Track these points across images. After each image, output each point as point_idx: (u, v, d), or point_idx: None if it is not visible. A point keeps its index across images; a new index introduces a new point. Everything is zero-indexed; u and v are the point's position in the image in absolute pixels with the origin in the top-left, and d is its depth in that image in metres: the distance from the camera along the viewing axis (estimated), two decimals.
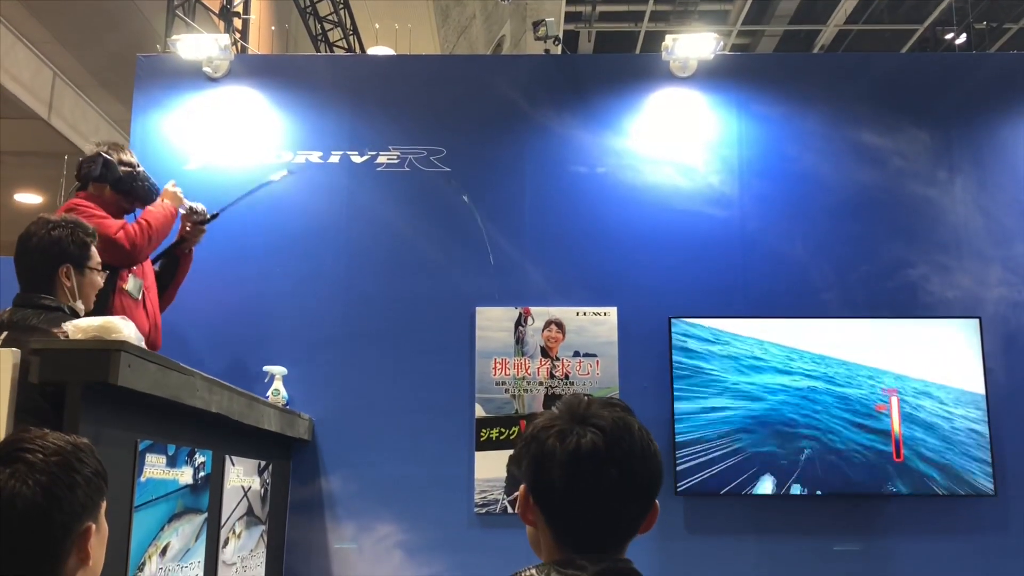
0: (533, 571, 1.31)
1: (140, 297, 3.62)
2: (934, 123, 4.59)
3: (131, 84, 4.65)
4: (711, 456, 4.09)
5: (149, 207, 3.74)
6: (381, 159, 4.55)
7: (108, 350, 2.14)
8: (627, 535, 1.38)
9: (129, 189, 3.70)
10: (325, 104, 4.61)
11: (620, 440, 1.35)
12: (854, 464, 4.07)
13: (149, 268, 3.80)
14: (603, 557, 1.33)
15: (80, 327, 2.23)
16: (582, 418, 1.37)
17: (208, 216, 3.97)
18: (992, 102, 4.61)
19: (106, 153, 3.67)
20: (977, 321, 4.23)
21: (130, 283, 3.56)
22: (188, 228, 3.95)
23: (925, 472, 4.07)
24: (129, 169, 3.70)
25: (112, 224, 3.49)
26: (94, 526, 1.49)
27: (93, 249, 2.86)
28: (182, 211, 3.91)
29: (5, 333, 2.49)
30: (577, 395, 1.43)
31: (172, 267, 3.94)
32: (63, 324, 2.34)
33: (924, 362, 4.17)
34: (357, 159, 4.55)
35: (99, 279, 2.92)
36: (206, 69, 4.62)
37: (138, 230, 3.58)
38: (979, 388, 4.14)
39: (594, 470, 1.33)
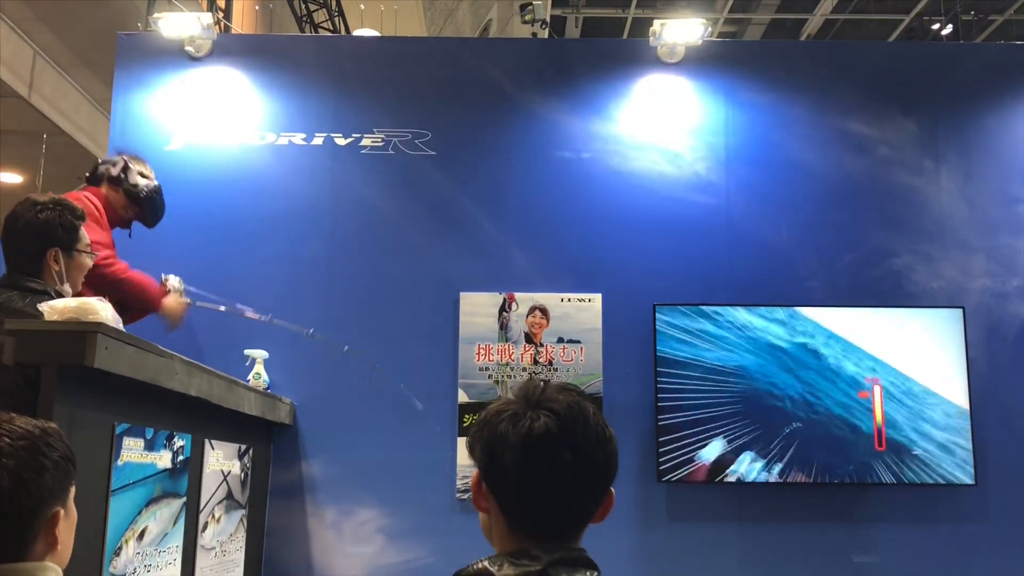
0: (486, 563, 1.27)
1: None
2: (921, 112, 4.58)
3: (112, 63, 4.58)
4: (694, 443, 4.09)
5: (149, 279, 3.72)
6: (365, 141, 4.50)
7: (84, 332, 2.10)
8: (581, 523, 1.35)
9: (138, 199, 3.74)
10: (309, 85, 4.56)
11: (574, 424, 1.32)
12: (836, 452, 4.08)
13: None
14: (558, 546, 1.30)
15: (56, 308, 2.19)
16: (536, 402, 1.34)
17: (182, 292, 3.92)
18: (979, 92, 4.61)
19: (129, 159, 3.76)
20: (961, 311, 4.24)
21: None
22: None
23: (907, 461, 4.08)
24: (146, 180, 3.77)
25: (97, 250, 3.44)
26: (62, 511, 1.47)
27: (82, 231, 2.82)
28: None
29: None
30: (533, 380, 1.41)
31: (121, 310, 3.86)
32: (39, 305, 2.30)
33: (907, 351, 4.18)
34: (341, 141, 4.50)
35: (88, 261, 2.87)
36: (188, 48, 4.56)
37: (112, 277, 3.49)
38: (961, 378, 4.15)
39: (547, 454, 1.30)
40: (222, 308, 4.10)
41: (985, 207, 4.50)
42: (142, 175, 3.77)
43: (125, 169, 3.71)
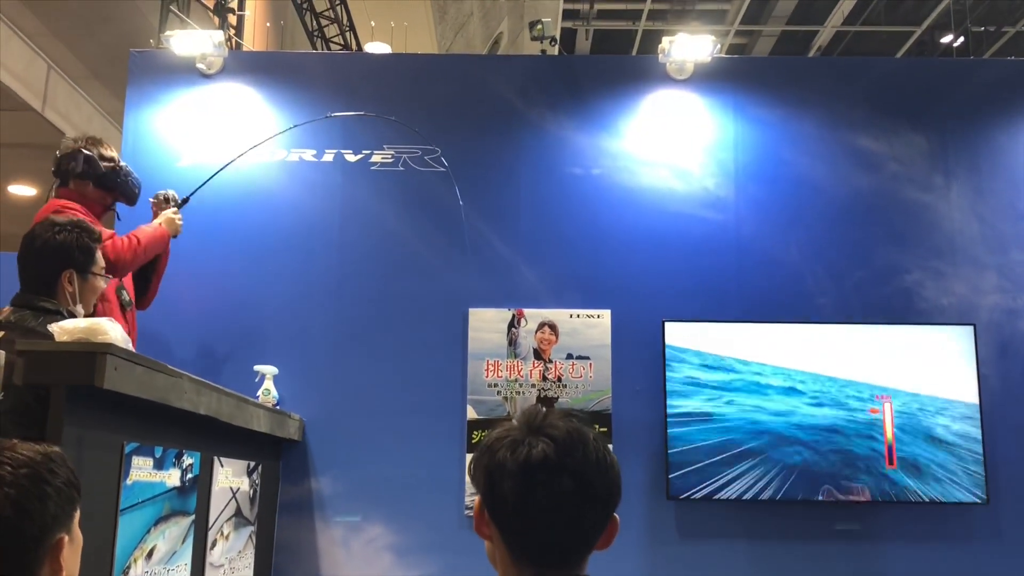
0: None
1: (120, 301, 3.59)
2: (931, 128, 4.57)
3: (126, 78, 4.62)
4: (703, 461, 4.07)
5: (142, 226, 3.71)
6: (375, 158, 4.52)
7: (94, 352, 2.11)
8: (584, 550, 1.34)
9: (112, 185, 3.63)
10: (320, 102, 4.58)
11: (573, 449, 1.31)
12: (846, 470, 4.06)
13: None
14: (561, 574, 1.30)
15: (66, 329, 2.20)
16: (537, 429, 1.33)
17: (180, 200, 3.89)
18: (989, 108, 4.60)
19: (86, 148, 3.59)
20: (972, 328, 4.22)
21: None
22: (161, 220, 3.86)
23: (918, 479, 4.05)
24: (111, 164, 3.63)
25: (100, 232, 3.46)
26: (67, 537, 1.46)
27: (98, 254, 2.84)
28: (151, 200, 3.87)
29: (1, 333, 2.46)
30: (536, 406, 1.40)
31: (148, 266, 3.87)
32: (49, 325, 2.31)
33: (918, 369, 4.16)
34: (351, 158, 4.52)
35: (101, 283, 2.88)
36: (200, 65, 4.59)
37: (126, 244, 3.54)
38: (973, 395, 4.13)
39: (546, 480, 1.29)
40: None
41: (996, 223, 4.48)
42: (103, 159, 3.62)
43: (87, 160, 3.56)
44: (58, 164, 3.61)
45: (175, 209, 3.88)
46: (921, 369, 4.16)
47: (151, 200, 3.90)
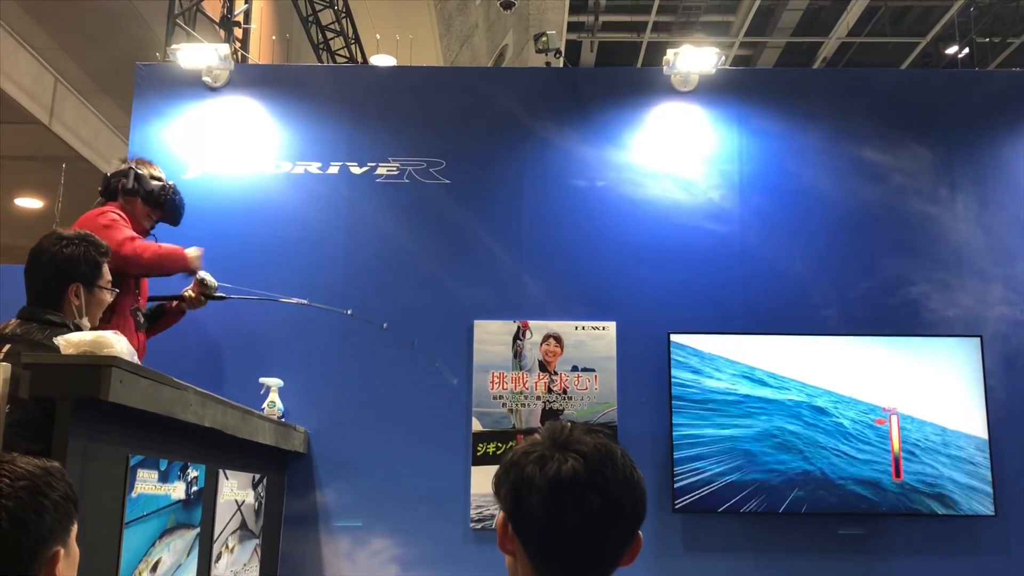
0: None
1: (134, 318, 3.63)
2: (936, 140, 4.57)
3: (132, 91, 4.64)
4: (709, 473, 4.06)
5: (172, 249, 3.76)
6: (380, 170, 4.53)
7: (99, 365, 2.12)
8: (610, 567, 1.32)
9: (161, 202, 3.79)
10: (324, 114, 4.60)
11: (602, 466, 1.30)
12: (853, 483, 4.04)
13: (144, 288, 3.80)
14: None
15: (72, 342, 2.21)
16: (564, 444, 1.32)
17: (214, 293, 3.93)
18: (994, 120, 4.60)
19: (137, 167, 3.76)
20: (978, 340, 4.21)
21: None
22: (192, 294, 3.91)
23: (925, 492, 4.03)
24: (160, 183, 3.81)
25: (124, 233, 3.51)
26: (63, 551, 1.48)
27: (105, 268, 2.85)
28: (194, 276, 3.91)
29: (8, 346, 2.47)
30: (560, 421, 1.39)
31: (159, 314, 3.91)
32: (55, 338, 2.32)
33: (924, 381, 4.14)
34: (356, 170, 4.53)
35: (108, 297, 2.89)
36: (206, 78, 4.61)
37: (143, 249, 3.59)
38: (980, 407, 4.11)
39: (575, 497, 1.28)
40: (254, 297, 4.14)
41: (1001, 235, 4.47)
42: (154, 178, 3.81)
43: (137, 178, 3.73)
44: (107, 182, 3.77)
45: (199, 249, 3.92)
46: (928, 381, 4.14)
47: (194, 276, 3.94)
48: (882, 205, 4.50)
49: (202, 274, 3.89)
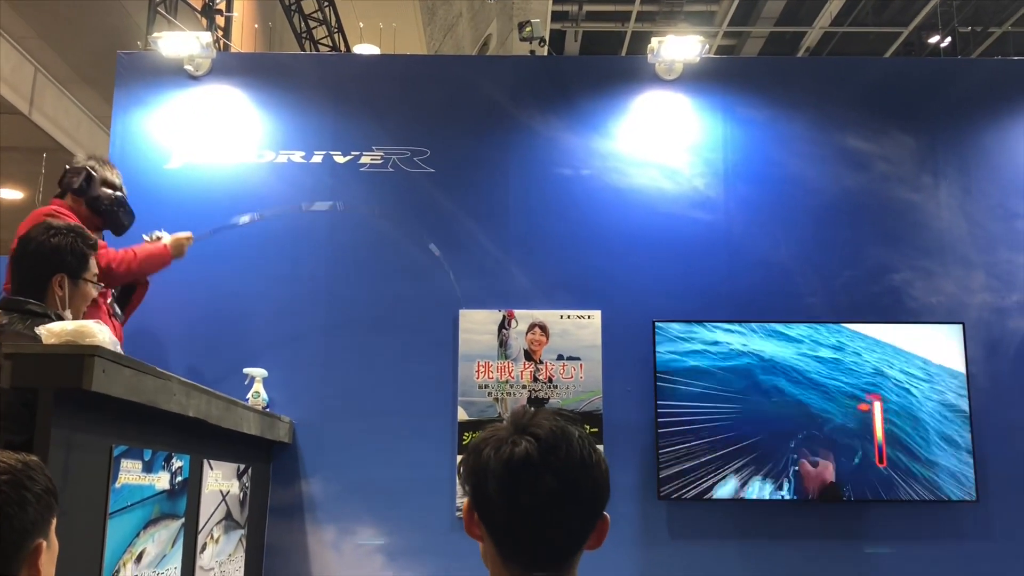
0: None
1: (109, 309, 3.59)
2: (919, 128, 4.59)
3: (113, 80, 4.60)
4: (694, 461, 4.07)
5: (150, 250, 3.72)
6: (364, 159, 4.51)
7: (81, 355, 2.10)
8: (573, 549, 1.33)
9: (101, 211, 3.68)
10: (308, 103, 4.57)
11: (556, 448, 1.30)
12: (837, 469, 4.06)
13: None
14: (551, 575, 1.29)
15: (54, 331, 2.19)
16: (523, 428, 1.33)
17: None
18: (977, 108, 4.62)
19: (92, 169, 3.66)
20: (960, 327, 4.23)
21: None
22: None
23: (907, 477, 4.06)
24: (109, 192, 3.70)
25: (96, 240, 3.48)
26: (44, 543, 1.50)
27: (92, 260, 2.84)
28: (145, 237, 3.89)
29: None
30: (524, 406, 1.40)
31: (128, 292, 3.87)
32: (37, 328, 2.30)
33: (907, 368, 4.17)
34: (340, 159, 4.51)
35: (93, 291, 2.88)
36: (188, 67, 4.57)
37: (120, 255, 3.57)
38: (962, 394, 4.14)
39: (529, 480, 1.28)
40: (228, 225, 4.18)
41: (984, 222, 4.50)
42: (106, 184, 3.69)
43: (88, 179, 3.62)
44: (63, 176, 3.68)
45: (190, 235, 3.92)
46: (910, 368, 4.17)
47: (144, 237, 3.92)
48: (866, 193, 4.52)
49: (153, 235, 3.90)
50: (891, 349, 4.18)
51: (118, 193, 3.73)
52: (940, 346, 4.19)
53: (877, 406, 4.12)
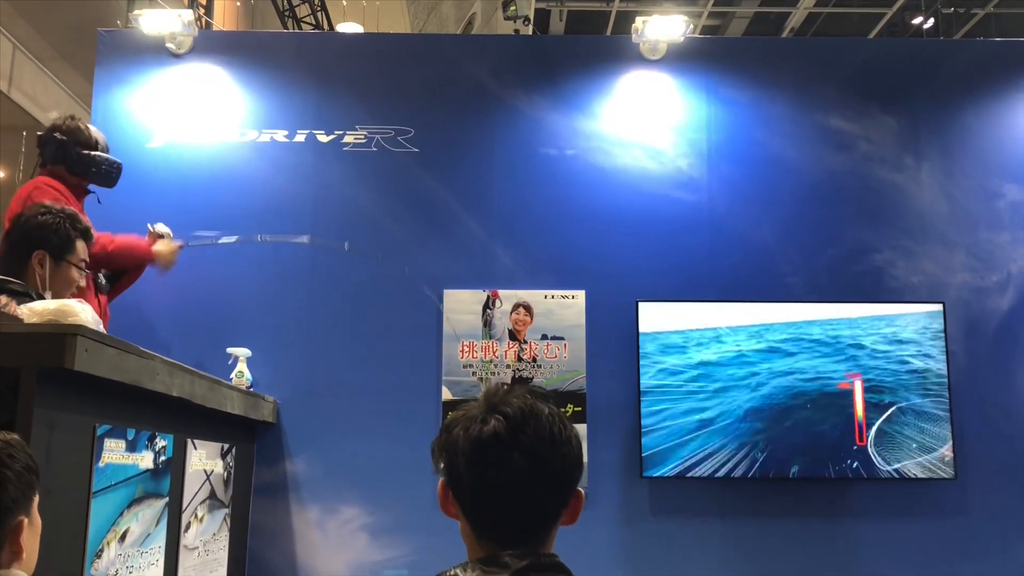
0: (457, 570, 1.28)
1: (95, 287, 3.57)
2: (902, 109, 4.61)
3: (93, 58, 4.56)
4: (676, 440, 4.10)
5: (131, 236, 3.68)
6: (348, 139, 4.49)
7: (64, 334, 2.09)
8: (548, 525, 1.34)
9: (84, 173, 3.62)
10: (291, 82, 4.54)
11: (524, 425, 1.31)
12: (817, 448, 4.10)
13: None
14: (526, 551, 1.29)
15: (35, 310, 2.18)
16: (493, 406, 1.34)
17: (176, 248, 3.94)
18: (959, 89, 4.64)
19: (62, 133, 3.56)
20: (941, 306, 4.27)
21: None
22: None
23: (887, 456, 4.11)
24: (86, 152, 3.60)
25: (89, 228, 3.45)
26: (26, 520, 1.50)
27: (79, 244, 2.81)
28: (149, 227, 3.88)
29: None
30: (500, 384, 1.42)
31: (120, 272, 3.84)
32: (18, 306, 2.29)
33: (887, 347, 4.20)
34: (323, 138, 4.49)
35: (76, 276, 2.85)
36: (169, 45, 4.53)
37: (103, 253, 3.52)
38: (941, 373, 4.18)
39: (497, 457, 1.30)
40: (218, 242, 4.13)
41: (965, 203, 4.53)
42: (79, 143, 3.58)
43: (61, 147, 3.53)
44: (37, 143, 3.60)
45: (181, 245, 3.92)
46: (891, 347, 4.20)
47: (149, 227, 3.94)
48: (848, 173, 4.54)
49: (152, 229, 3.90)
50: (872, 328, 4.22)
51: (94, 153, 3.63)
52: (920, 325, 4.23)
53: (857, 384, 4.16)
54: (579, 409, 4.20)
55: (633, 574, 4.13)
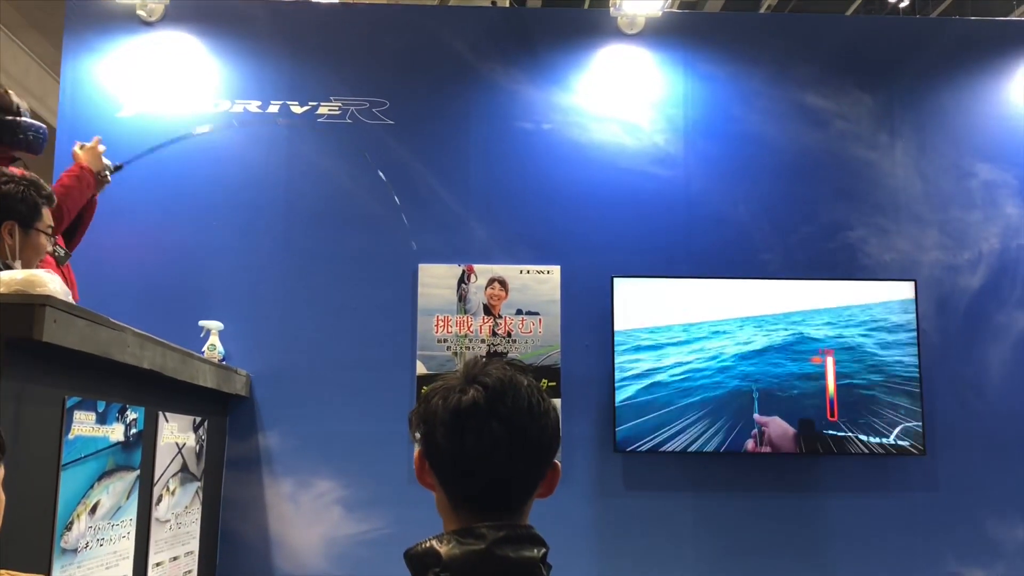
0: (433, 542, 1.27)
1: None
2: (877, 87, 4.62)
3: (62, 26, 4.47)
4: (650, 414, 4.12)
5: (65, 178, 3.53)
6: (322, 110, 4.45)
7: (32, 304, 2.06)
8: (523, 497, 1.34)
9: (11, 141, 3.43)
10: (265, 52, 4.48)
11: (503, 395, 1.31)
12: (789, 423, 4.13)
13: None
14: (503, 523, 1.29)
15: (3, 281, 2.14)
16: (472, 377, 1.34)
17: (112, 167, 3.67)
18: (934, 68, 4.65)
19: None
20: (912, 283, 4.31)
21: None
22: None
23: (857, 431, 4.15)
24: (10, 119, 3.37)
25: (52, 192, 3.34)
26: None
27: (45, 212, 2.78)
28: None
29: None
30: (478, 356, 1.41)
31: (75, 223, 3.71)
32: None
33: (859, 323, 4.24)
34: (297, 109, 4.44)
35: (45, 243, 2.82)
36: (140, 12, 4.45)
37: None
38: (912, 349, 4.22)
39: (476, 426, 1.29)
40: (153, 149, 3.95)
41: (938, 181, 4.55)
42: (1, 110, 3.34)
43: None
44: None
45: (98, 139, 3.64)
46: (863, 323, 4.24)
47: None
48: (824, 151, 4.55)
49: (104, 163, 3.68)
50: (844, 305, 4.25)
51: (19, 119, 3.37)
52: (892, 303, 4.26)
53: (829, 360, 4.19)
54: (553, 384, 4.21)
55: (607, 546, 4.16)
